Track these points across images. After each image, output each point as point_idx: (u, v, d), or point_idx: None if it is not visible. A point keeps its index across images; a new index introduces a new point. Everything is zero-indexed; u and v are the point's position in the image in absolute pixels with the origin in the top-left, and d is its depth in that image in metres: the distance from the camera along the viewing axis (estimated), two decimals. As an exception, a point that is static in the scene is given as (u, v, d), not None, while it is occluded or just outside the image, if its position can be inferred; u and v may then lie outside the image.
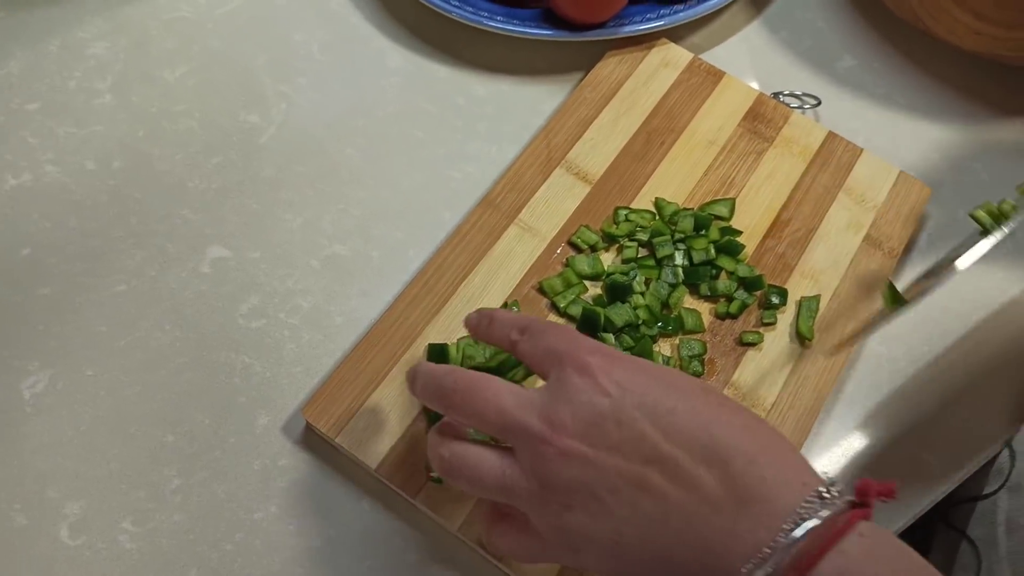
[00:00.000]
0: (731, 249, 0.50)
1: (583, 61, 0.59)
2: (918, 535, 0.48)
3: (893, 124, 0.59)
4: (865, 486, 0.31)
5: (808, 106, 0.58)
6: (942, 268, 0.40)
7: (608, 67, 0.58)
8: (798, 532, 0.29)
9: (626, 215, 0.51)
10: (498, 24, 0.57)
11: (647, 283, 0.49)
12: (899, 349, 0.51)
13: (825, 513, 0.30)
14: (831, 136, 0.56)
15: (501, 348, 0.39)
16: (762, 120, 0.56)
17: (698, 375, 0.47)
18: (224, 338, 0.48)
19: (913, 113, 0.60)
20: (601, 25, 0.57)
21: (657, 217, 0.51)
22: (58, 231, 0.50)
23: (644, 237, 0.50)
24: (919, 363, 0.51)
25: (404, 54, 0.59)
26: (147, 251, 0.50)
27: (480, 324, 0.39)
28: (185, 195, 0.52)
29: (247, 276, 0.50)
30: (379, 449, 0.44)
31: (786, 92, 0.59)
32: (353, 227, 0.52)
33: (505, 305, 0.48)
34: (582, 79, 0.57)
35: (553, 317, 0.48)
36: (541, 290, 0.49)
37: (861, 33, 0.63)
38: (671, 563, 0.31)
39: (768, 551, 0.29)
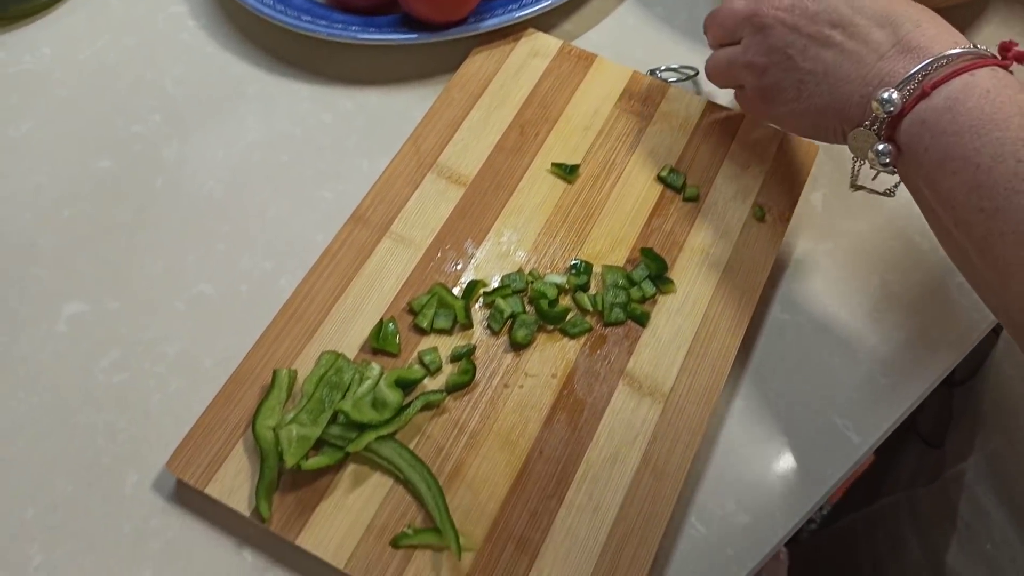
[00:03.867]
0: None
1: (452, 62, 0.56)
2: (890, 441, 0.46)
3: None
4: (1007, 44, 0.40)
5: (685, 77, 0.56)
6: None
7: (475, 64, 0.55)
8: (940, 59, 0.38)
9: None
10: (354, 34, 0.54)
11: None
12: (802, 315, 0.49)
13: (969, 57, 0.38)
14: (711, 106, 0.54)
15: None
16: (638, 98, 0.54)
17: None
18: (85, 398, 0.45)
19: (797, 72, 0.58)
20: (461, 22, 0.55)
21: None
22: (-102, 308, 0.47)
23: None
24: (828, 326, 0.48)
25: (264, 78, 0.57)
26: (-3, 317, 0.47)
27: None
28: (37, 253, 0.49)
29: (107, 329, 0.47)
30: (252, 494, 0.41)
31: (663, 68, 0.57)
32: (218, 263, 0.49)
33: (381, 323, 0.45)
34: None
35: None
36: (411, 310, 0.46)
37: (735, -1, 0.62)
38: (835, 98, 0.41)
39: (911, 74, 0.38)
